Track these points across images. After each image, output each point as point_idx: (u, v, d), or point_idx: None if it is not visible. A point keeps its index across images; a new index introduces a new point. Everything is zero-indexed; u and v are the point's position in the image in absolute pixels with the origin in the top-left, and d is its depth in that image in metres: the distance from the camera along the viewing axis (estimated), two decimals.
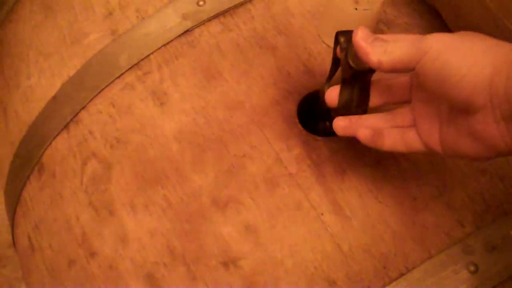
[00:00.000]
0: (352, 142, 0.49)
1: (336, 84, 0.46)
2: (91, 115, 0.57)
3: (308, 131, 0.51)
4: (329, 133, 0.50)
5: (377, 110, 0.46)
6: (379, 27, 0.59)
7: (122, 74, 0.58)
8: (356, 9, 0.53)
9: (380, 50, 0.40)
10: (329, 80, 0.49)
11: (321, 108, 0.49)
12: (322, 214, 0.48)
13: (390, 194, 0.49)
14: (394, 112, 0.45)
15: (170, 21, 0.59)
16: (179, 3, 0.60)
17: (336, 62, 0.47)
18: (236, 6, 0.59)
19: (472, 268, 0.47)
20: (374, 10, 0.53)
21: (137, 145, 0.53)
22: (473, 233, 0.49)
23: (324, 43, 0.56)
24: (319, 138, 0.51)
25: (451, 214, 0.49)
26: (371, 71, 0.43)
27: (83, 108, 0.58)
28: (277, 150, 0.50)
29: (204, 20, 0.58)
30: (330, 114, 0.48)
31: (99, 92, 0.58)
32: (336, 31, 0.47)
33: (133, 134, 0.54)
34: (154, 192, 0.51)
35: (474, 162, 0.52)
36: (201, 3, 0.59)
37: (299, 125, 0.51)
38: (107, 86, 0.58)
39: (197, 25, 0.58)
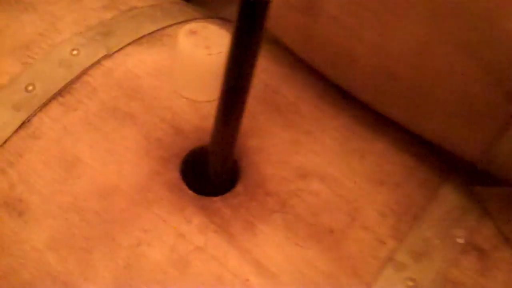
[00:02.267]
0: (250, 191, 0.46)
1: None
2: None
3: (201, 195, 0.47)
4: (224, 189, 0.47)
5: None
6: None
7: None
8: (209, 54, 0.50)
9: None
10: None
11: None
12: (247, 280, 0.43)
13: (307, 234, 0.46)
14: None
15: (1, 117, 0.51)
16: (5, 93, 0.53)
17: None
18: (72, 82, 0.53)
19: (410, 283, 0.46)
20: (226, 51, 0.51)
21: (5, 270, 0.44)
22: (396, 247, 0.48)
23: (184, 97, 0.53)
24: (215, 198, 0.47)
25: (370, 235, 0.48)
26: None
27: None
28: (175, 225, 0.45)
29: (40, 106, 0.51)
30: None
31: None
32: (193, 81, 0.43)
33: None
34: None
35: (370, 175, 0.51)
36: (30, 88, 0.52)
37: (190, 191, 0.47)
38: None
39: (34, 113, 0.51)
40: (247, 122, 0.51)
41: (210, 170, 0.47)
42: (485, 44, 0.41)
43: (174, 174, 0.47)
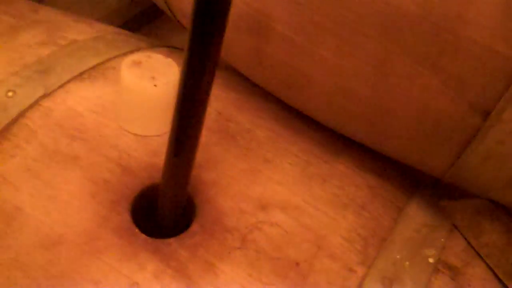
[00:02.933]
0: (207, 228, 0.44)
1: None
2: None
3: (154, 237, 0.44)
4: (179, 229, 0.44)
5: None
6: None
7: None
8: (155, 85, 0.47)
9: None
10: None
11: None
12: None
13: (271, 269, 0.43)
14: None
15: None
16: None
17: None
18: (8, 126, 0.50)
19: None
20: (174, 80, 0.48)
21: None
22: (366, 274, 0.45)
23: (131, 133, 0.50)
24: (170, 240, 0.44)
25: (338, 264, 0.45)
26: None
27: None
28: (129, 274, 0.41)
29: None
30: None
31: None
32: (139, 115, 0.41)
33: None
34: None
35: (333, 200, 0.49)
36: None
37: (142, 235, 0.43)
38: None
39: None
40: (200, 154, 0.48)
41: (163, 210, 0.44)
42: (445, 54, 0.40)
43: (124, 217, 0.44)
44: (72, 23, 0.69)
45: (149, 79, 0.47)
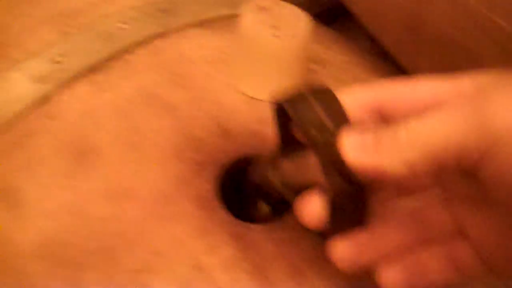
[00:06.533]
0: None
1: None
2: None
3: (238, 218, 0.36)
4: (271, 216, 0.36)
5: None
6: (311, 67, 0.47)
7: None
8: (276, 36, 0.40)
9: (394, 152, 0.25)
10: (275, 166, 0.35)
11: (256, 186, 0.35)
12: None
13: None
14: (421, 219, 0.30)
15: (17, 87, 0.43)
16: (30, 63, 0.45)
17: (287, 140, 0.33)
18: (110, 59, 0.45)
19: None
20: (301, 35, 0.41)
21: None
22: None
23: (240, 92, 0.43)
24: (256, 226, 0.36)
25: None
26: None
27: None
28: (195, 254, 0.34)
29: (66, 81, 0.43)
30: (270, 189, 0.34)
31: None
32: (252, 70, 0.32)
33: None
34: None
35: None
36: (58, 59, 0.44)
37: (223, 212, 0.36)
38: None
39: (57, 89, 0.43)
40: None
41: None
42: None
43: (207, 186, 0.37)
44: None
45: (271, 28, 0.40)
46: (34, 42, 0.47)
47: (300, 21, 0.41)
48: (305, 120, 0.29)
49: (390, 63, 0.54)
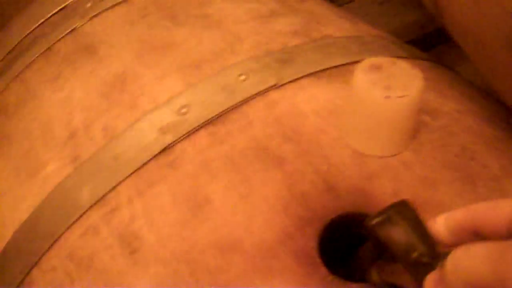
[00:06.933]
0: None
1: None
2: (44, 274, 0.45)
3: (337, 275, 0.37)
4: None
5: None
6: (421, 118, 0.46)
7: (84, 212, 0.46)
8: (388, 97, 0.40)
9: None
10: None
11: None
12: None
13: None
14: None
15: (145, 137, 0.47)
16: (157, 113, 0.49)
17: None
18: (229, 110, 0.48)
19: None
20: (413, 96, 0.41)
21: None
22: None
23: (349, 147, 0.44)
24: (354, 285, 0.37)
25: None
26: None
27: (35, 264, 0.46)
28: None
29: (188, 132, 0.47)
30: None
31: (55, 240, 0.46)
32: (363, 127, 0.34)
33: None
34: None
35: None
36: (183, 110, 0.48)
37: (323, 268, 0.37)
38: (65, 231, 0.46)
39: (179, 139, 0.46)
40: (422, 190, 0.40)
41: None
42: None
43: (310, 242, 0.38)
44: (335, 17, 0.65)
45: (383, 89, 0.40)
46: (162, 92, 0.52)
47: (413, 81, 0.41)
48: (393, 243, 0.32)
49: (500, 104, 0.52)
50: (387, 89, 0.41)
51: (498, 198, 0.29)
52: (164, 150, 0.46)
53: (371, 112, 0.42)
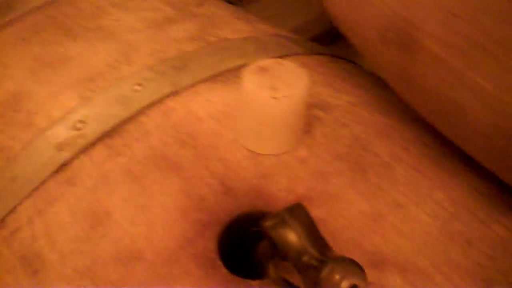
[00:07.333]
0: None
1: None
2: None
3: (237, 275, 0.38)
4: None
5: None
6: (314, 113, 0.48)
7: None
8: (274, 97, 0.42)
9: None
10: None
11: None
12: None
13: None
14: None
15: (41, 156, 0.47)
16: (52, 131, 0.48)
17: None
18: (125, 122, 0.48)
19: None
20: (298, 95, 0.42)
21: None
22: None
23: (245, 148, 0.45)
24: (254, 282, 0.38)
25: None
26: None
27: None
28: None
29: (85, 147, 0.47)
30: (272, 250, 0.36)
31: None
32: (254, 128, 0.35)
33: None
34: None
35: (475, 272, 0.39)
36: (79, 125, 0.48)
37: (223, 269, 0.38)
38: None
39: (76, 155, 0.46)
40: (314, 183, 0.42)
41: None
42: None
43: (210, 245, 0.39)
44: (232, 20, 0.66)
45: (269, 90, 0.42)
46: (57, 108, 0.51)
47: (299, 81, 0.43)
48: (286, 245, 0.33)
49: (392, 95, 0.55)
50: (273, 90, 0.42)
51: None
52: (61, 167, 0.46)
53: (260, 113, 0.43)
